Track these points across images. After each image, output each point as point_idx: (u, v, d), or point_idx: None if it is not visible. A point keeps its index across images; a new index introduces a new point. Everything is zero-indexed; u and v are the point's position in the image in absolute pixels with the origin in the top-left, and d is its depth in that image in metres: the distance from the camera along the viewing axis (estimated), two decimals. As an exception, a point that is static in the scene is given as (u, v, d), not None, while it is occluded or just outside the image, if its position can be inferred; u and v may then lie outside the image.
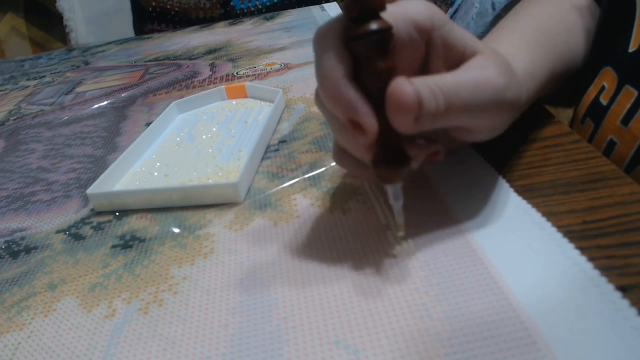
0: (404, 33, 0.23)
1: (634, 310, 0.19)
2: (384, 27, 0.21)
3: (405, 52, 0.24)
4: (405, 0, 0.24)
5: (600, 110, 0.35)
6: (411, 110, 0.21)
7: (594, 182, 0.27)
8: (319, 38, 0.23)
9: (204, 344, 0.22)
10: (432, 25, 0.24)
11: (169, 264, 0.28)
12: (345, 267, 0.25)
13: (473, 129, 0.25)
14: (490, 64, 0.24)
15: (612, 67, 0.35)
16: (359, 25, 0.21)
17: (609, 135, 0.34)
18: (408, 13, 0.24)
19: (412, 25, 0.23)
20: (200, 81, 0.60)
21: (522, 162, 0.30)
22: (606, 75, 0.36)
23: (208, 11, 1.15)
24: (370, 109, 0.22)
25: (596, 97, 0.36)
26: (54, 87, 0.71)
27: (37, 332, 0.26)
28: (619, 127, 0.33)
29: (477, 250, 0.24)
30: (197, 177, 0.36)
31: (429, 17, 0.24)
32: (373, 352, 0.20)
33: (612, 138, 0.34)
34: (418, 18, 0.23)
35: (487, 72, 0.24)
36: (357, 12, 0.21)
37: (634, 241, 0.23)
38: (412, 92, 0.21)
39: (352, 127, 0.22)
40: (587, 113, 0.37)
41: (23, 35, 1.45)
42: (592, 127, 0.36)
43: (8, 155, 0.50)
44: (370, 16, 0.21)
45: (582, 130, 0.37)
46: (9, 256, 0.33)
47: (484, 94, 0.23)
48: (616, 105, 0.34)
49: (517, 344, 0.19)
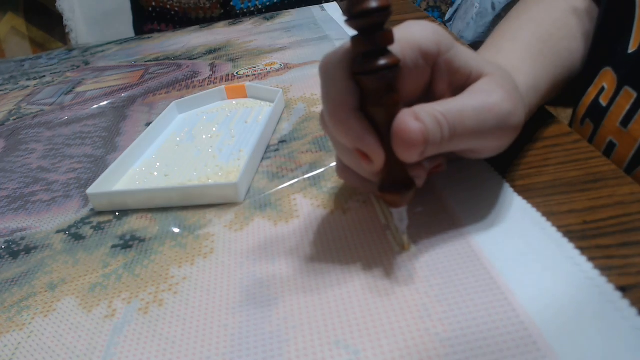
0: (410, 61, 0.23)
1: (634, 310, 0.19)
2: (392, 63, 0.21)
3: (411, 77, 0.24)
4: (411, 23, 0.24)
5: (599, 111, 0.35)
6: (417, 146, 0.22)
7: (594, 182, 0.27)
8: (326, 67, 0.23)
9: (204, 344, 0.22)
10: (439, 51, 0.24)
11: (169, 264, 0.28)
12: (345, 267, 0.25)
13: (476, 151, 0.25)
14: (496, 89, 0.24)
15: (612, 68, 0.35)
16: (367, 60, 0.21)
17: (608, 137, 0.34)
18: (415, 40, 0.24)
19: (418, 53, 0.23)
20: (200, 81, 0.60)
21: (522, 162, 0.30)
22: (606, 75, 0.35)
23: (208, 11, 1.15)
24: (377, 140, 0.22)
25: (596, 98, 0.36)
26: (54, 87, 0.71)
27: (37, 332, 0.26)
28: (619, 129, 0.33)
29: (477, 251, 0.24)
30: (197, 177, 0.36)
31: (435, 43, 0.24)
32: (373, 352, 0.20)
33: (612, 139, 0.34)
34: (425, 45, 0.23)
35: (493, 98, 0.24)
36: (367, 48, 0.22)
37: (634, 241, 0.23)
38: (418, 129, 0.21)
39: (360, 155, 0.23)
40: (586, 114, 0.37)
41: (23, 35, 1.45)
42: (592, 128, 0.36)
43: (8, 155, 0.50)
44: (380, 52, 0.22)
45: (582, 131, 0.37)
46: (9, 256, 0.33)
47: (489, 121, 0.23)
48: (615, 107, 0.34)
49: (517, 344, 0.19)
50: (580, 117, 0.38)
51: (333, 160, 0.34)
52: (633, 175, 0.32)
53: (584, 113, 0.37)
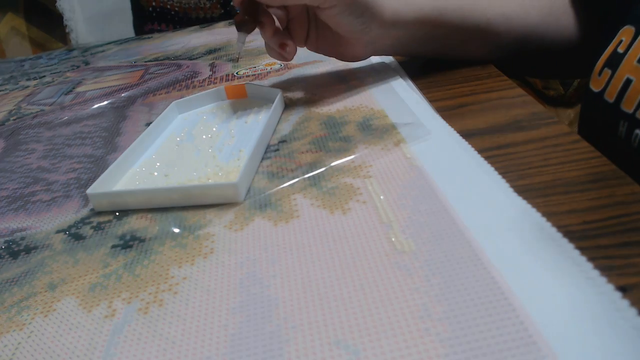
0: None
1: (634, 310, 0.19)
2: None
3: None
4: None
5: (617, 58, 0.36)
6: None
7: (594, 182, 0.27)
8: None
9: (204, 344, 0.22)
10: None
11: (169, 264, 0.28)
12: (345, 267, 0.25)
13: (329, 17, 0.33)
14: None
15: (631, 24, 0.36)
16: None
17: (625, 75, 0.35)
18: None
19: None
20: (200, 81, 0.60)
21: (522, 162, 0.30)
22: (625, 32, 0.37)
23: (208, 11, 1.14)
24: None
25: (614, 49, 0.37)
26: (54, 87, 0.71)
27: (37, 332, 0.26)
28: (636, 66, 0.34)
29: (477, 251, 0.24)
30: (197, 177, 0.36)
31: None
32: (373, 352, 0.20)
33: (629, 76, 0.34)
34: None
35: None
36: None
37: (634, 241, 0.23)
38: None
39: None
40: (605, 64, 0.38)
41: (23, 35, 1.45)
42: (610, 74, 0.37)
43: (8, 155, 0.50)
44: None
45: (599, 81, 0.38)
46: (9, 256, 0.33)
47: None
48: (633, 50, 0.35)
49: (517, 344, 0.19)
50: (598, 70, 0.38)
51: (333, 160, 0.34)
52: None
53: (602, 65, 0.38)
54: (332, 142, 0.37)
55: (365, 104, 0.42)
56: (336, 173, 0.33)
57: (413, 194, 0.29)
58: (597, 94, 0.38)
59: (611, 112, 0.36)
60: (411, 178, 0.31)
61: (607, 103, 0.37)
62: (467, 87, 0.42)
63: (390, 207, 0.29)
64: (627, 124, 0.35)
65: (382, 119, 0.39)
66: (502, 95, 0.40)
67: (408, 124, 0.37)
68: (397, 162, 0.33)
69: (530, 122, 0.34)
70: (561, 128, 0.33)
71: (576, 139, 0.31)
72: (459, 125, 0.35)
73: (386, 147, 0.35)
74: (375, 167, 0.33)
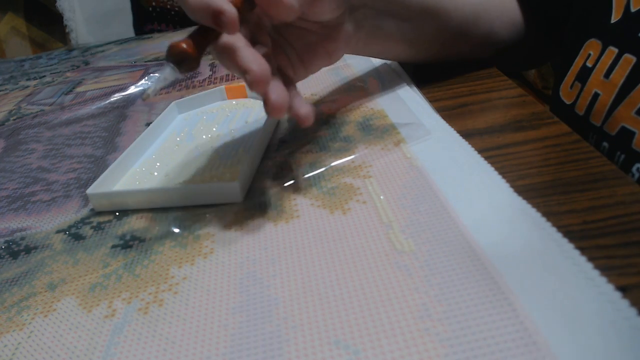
0: None
1: (634, 310, 0.19)
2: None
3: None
4: None
5: (586, 71, 0.38)
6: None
7: (594, 182, 0.27)
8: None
9: (204, 344, 0.22)
10: None
11: (169, 264, 0.28)
12: (345, 267, 0.25)
13: None
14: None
15: (597, 38, 0.38)
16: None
17: (593, 89, 0.37)
18: None
19: None
20: (200, 81, 0.60)
21: (522, 162, 0.30)
22: (591, 45, 0.38)
23: (208, 11, 1.14)
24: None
25: (584, 63, 0.39)
26: (54, 87, 0.71)
27: (37, 332, 0.26)
28: (602, 80, 0.36)
29: (477, 251, 0.24)
30: (197, 177, 0.36)
31: None
32: (373, 352, 0.20)
33: (596, 90, 0.36)
34: None
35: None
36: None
37: (634, 241, 0.23)
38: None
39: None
40: (575, 78, 0.40)
41: (23, 35, 1.45)
42: (580, 87, 0.39)
43: (8, 155, 0.50)
44: None
45: (571, 94, 0.40)
46: (9, 256, 0.33)
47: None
48: (600, 64, 0.37)
49: (517, 344, 0.19)
50: (570, 83, 0.40)
51: (333, 160, 0.34)
52: (617, 110, 0.35)
53: (573, 78, 0.40)
54: (332, 142, 0.37)
55: (365, 103, 0.42)
56: (336, 173, 0.33)
57: (413, 194, 0.29)
58: (569, 106, 0.40)
59: (581, 125, 0.38)
60: (411, 178, 0.31)
61: (578, 116, 0.39)
62: (467, 87, 0.42)
63: (390, 207, 0.29)
64: (595, 136, 0.37)
65: (382, 119, 0.39)
66: (502, 95, 0.40)
67: (408, 124, 0.37)
68: (397, 162, 0.33)
69: (530, 122, 0.34)
70: (561, 128, 0.33)
71: (576, 139, 0.32)
72: (459, 125, 0.35)
73: (386, 147, 0.35)
74: (375, 167, 0.33)
